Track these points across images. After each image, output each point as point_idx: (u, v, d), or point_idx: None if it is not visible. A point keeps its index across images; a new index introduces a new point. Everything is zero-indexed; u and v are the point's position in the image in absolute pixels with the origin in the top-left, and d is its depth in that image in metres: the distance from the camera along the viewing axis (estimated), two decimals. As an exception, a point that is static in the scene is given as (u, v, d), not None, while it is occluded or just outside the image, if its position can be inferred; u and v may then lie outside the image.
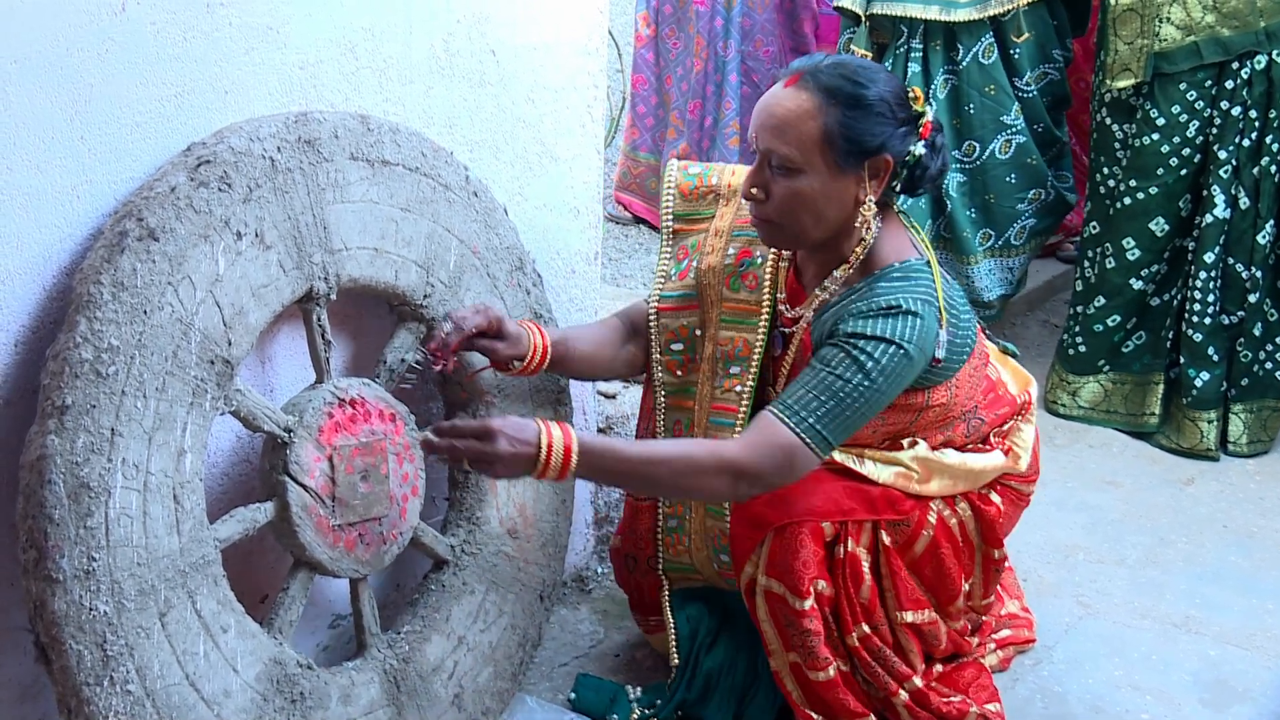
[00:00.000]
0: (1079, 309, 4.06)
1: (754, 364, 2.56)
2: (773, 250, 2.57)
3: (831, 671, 2.48)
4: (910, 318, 2.33)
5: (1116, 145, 3.90)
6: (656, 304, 2.68)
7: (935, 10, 3.96)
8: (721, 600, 2.70)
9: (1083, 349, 4.05)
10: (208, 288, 2.10)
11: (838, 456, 2.46)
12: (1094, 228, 4.00)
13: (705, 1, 4.89)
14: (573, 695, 2.74)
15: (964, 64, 4.02)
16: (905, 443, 2.50)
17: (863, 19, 4.07)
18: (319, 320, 2.30)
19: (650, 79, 5.25)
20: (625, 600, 2.89)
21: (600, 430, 3.18)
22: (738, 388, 2.57)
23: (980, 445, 2.62)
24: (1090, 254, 4.01)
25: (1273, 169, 3.73)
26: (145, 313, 2.01)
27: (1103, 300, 3.97)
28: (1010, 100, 4.03)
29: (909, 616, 2.54)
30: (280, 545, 2.30)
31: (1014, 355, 2.83)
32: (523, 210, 2.75)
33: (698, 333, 2.64)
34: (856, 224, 2.39)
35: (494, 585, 2.56)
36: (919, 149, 2.37)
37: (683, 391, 2.66)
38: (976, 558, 2.65)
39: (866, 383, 2.29)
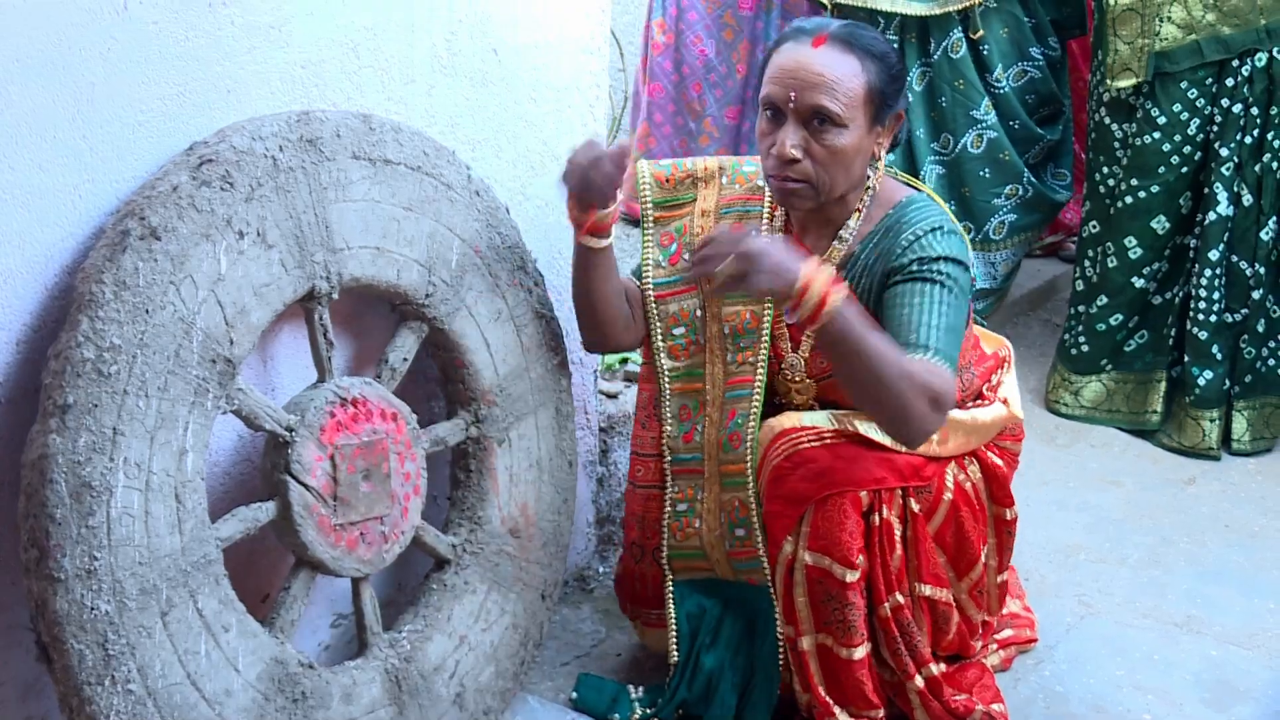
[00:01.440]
0: (1080, 308, 4.06)
1: (764, 333, 2.60)
2: (764, 222, 2.61)
3: (863, 650, 2.51)
4: (955, 235, 2.47)
5: (1116, 144, 3.90)
6: (654, 291, 2.68)
7: (892, 3, 3.99)
8: (722, 595, 2.69)
9: (1085, 348, 4.04)
10: (210, 287, 2.10)
11: (860, 426, 2.48)
12: (1094, 227, 4.00)
13: (751, 5, 4.87)
14: (574, 695, 2.74)
15: (935, 57, 4.04)
16: None
17: (828, 8, 4.08)
18: (321, 319, 2.30)
19: (667, 87, 5.22)
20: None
21: (602, 430, 3.18)
22: (750, 359, 2.61)
23: (977, 401, 2.69)
24: (1091, 253, 4.01)
25: (1274, 165, 3.73)
26: (147, 312, 2.01)
27: (1105, 299, 3.97)
28: (980, 95, 4.04)
29: (927, 590, 2.57)
30: (282, 544, 2.30)
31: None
32: (525, 210, 2.74)
33: (699, 314, 2.65)
34: (867, 176, 2.52)
35: (496, 584, 2.56)
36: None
37: (689, 375, 2.68)
38: (989, 522, 2.70)
39: (956, 301, 2.41)
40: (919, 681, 2.56)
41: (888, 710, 2.58)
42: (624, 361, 3.46)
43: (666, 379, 2.68)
